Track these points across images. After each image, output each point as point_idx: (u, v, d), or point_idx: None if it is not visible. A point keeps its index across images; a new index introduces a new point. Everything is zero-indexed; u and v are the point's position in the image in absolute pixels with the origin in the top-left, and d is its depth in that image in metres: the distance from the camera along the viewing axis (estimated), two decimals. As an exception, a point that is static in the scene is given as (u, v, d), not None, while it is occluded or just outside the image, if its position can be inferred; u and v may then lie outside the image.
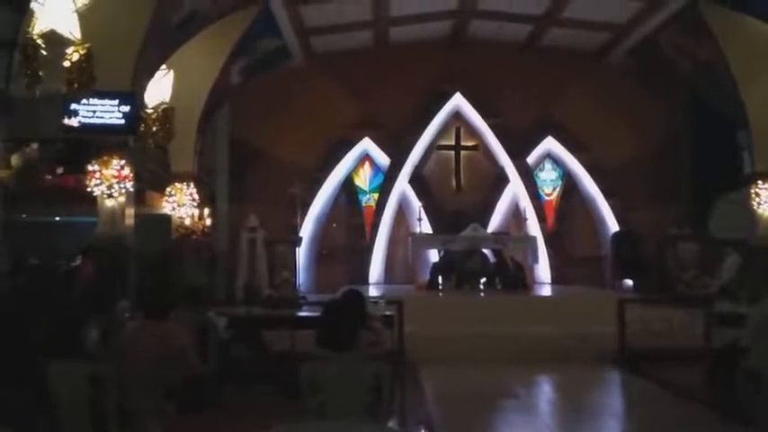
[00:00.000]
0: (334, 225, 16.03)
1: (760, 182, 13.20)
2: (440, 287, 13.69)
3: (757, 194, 13.19)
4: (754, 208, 13.24)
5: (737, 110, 13.05)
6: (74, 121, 9.63)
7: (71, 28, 8.31)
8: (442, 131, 16.24)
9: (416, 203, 15.57)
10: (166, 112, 11.75)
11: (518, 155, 15.92)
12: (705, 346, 7.65)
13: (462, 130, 16.23)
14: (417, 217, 15.08)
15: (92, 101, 9.59)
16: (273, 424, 2.47)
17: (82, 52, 8.41)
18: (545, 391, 9.08)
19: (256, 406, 6.34)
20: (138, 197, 11.07)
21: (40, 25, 7.98)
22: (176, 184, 13.29)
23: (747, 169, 13.45)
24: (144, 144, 11.38)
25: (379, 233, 15.78)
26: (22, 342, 3.86)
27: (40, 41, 7.88)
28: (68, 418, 3.84)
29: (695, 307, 9.86)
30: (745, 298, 10.27)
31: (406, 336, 9.36)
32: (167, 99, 11.87)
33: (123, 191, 10.03)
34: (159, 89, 11.66)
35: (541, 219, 15.78)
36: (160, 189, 13.29)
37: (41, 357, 3.92)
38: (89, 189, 10.03)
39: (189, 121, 12.78)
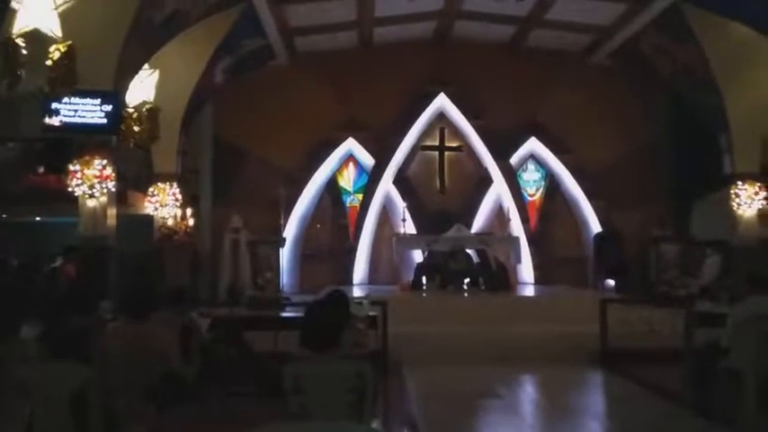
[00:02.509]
0: (318, 226, 16.00)
1: (740, 183, 13.35)
2: (424, 287, 13.71)
3: (737, 195, 13.35)
4: (734, 209, 13.38)
5: (718, 112, 13.19)
6: (55, 121, 9.56)
7: (52, 26, 8.25)
8: (427, 132, 16.27)
9: (401, 204, 15.57)
10: (151, 112, 11.70)
11: (502, 156, 15.97)
12: (686, 346, 7.70)
13: (446, 131, 16.26)
14: (401, 217, 15.09)
15: (73, 100, 9.53)
16: (256, 425, 2.47)
17: (63, 50, 8.35)
18: (527, 390, 9.12)
19: (239, 407, 6.32)
20: (120, 197, 11.02)
21: (20, 24, 7.91)
22: (159, 184, 13.23)
23: (727, 170, 13.59)
24: (126, 144, 11.33)
25: (363, 234, 15.77)
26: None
27: (20, 41, 7.81)
28: (51, 419, 3.81)
29: (676, 307, 9.92)
30: (725, 298, 10.39)
31: (390, 336, 9.35)
32: (151, 98, 11.82)
33: (105, 191, 9.98)
34: (142, 89, 11.61)
35: (525, 219, 15.84)
36: (143, 189, 13.22)
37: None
38: (70, 189, 9.96)
39: (172, 120, 12.72)
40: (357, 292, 13.34)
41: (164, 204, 13.22)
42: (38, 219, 14.06)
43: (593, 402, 8.64)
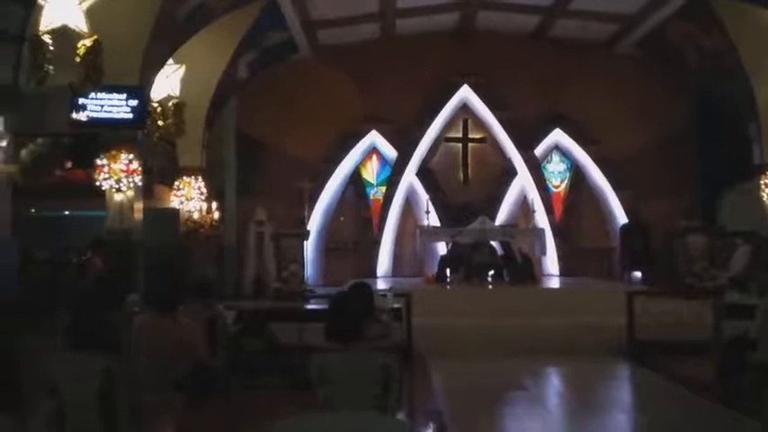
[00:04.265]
0: (342, 218, 16.04)
1: (769, 173, 13.12)
2: (448, 280, 13.67)
3: (767, 185, 13.11)
4: (764, 199, 13.16)
5: (747, 101, 12.97)
6: (82, 116, 9.67)
7: (78, 22, 8.34)
8: (450, 124, 16.21)
9: (424, 196, 15.55)
10: (177, 107, 11.80)
11: (526, 147, 15.87)
12: (714, 339, 7.61)
13: (470, 123, 16.19)
14: (425, 210, 15.07)
15: (99, 95, 9.63)
16: (281, 416, 2.48)
17: (89, 44, 8.44)
18: (553, 383, 9.08)
19: (265, 398, 6.37)
20: (146, 191, 11.11)
21: (47, 20, 8.01)
22: (184, 177, 13.32)
23: (757, 160, 13.37)
24: (151, 138, 11.42)
25: (386, 226, 15.78)
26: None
27: (47, 37, 7.91)
28: (78, 412, 3.86)
29: (704, 299, 9.82)
30: (754, 289, 10.25)
31: (415, 328, 9.36)
32: (176, 93, 11.91)
33: (132, 185, 10.08)
34: (168, 83, 11.71)
35: (549, 211, 15.73)
36: (168, 183, 13.33)
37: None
38: (98, 183, 10.08)
39: (196, 115, 12.81)
40: (381, 284, 13.35)
41: (189, 198, 13.31)
42: (66, 213, 14.21)
43: (619, 395, 8.57)
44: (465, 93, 15.99)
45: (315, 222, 15.48)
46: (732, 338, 6.92)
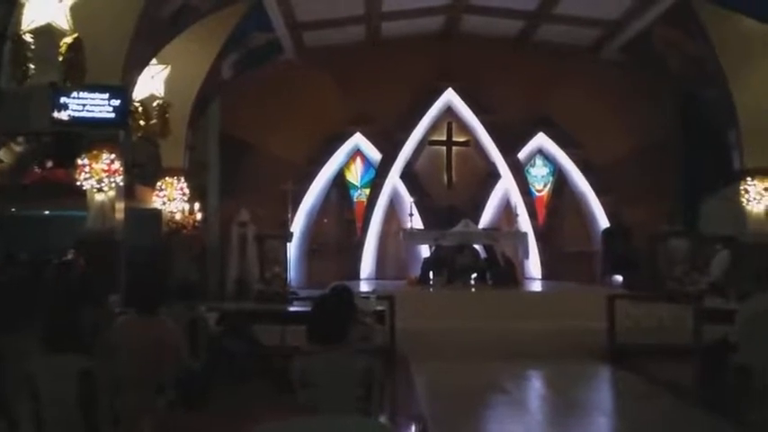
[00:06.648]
0: (326, 220, 16.02)
1: (749, 179, 13.26)
2: (431, 282, 13.70)
3: (746, 191, 13.25)
4: (744, 205, 13.30)
5: (727, 107, 13.09)
6: (63, 115, 9.56)
7: (60, 20, 8.27)
8: (434, 127, 16.25)
9: (408, 199, 15.57)
10: (162, 107, 11.73)
11: (509, 151, 15.94)
12: (695, 342, 7.68)
13: (454, 126, 16.24)
14: (409, 212, 15.09)
15: (82, 94, 9.53)
16: (265, 419, 2.47)
17: (70, 42, 8.37)
18: (535, 386, 9.11)
19: (247, 401, 6.34)
20: (128, 191, 11.02)
21: (28, 18, 7.93)
22: (167, 178, 13.24)
23: (737, 166, 13.50)
24: (133, 138, 11.35)
25: (370, 228, 15.78)
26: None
27: (28, 35, 7.83)
28: (58, 413, 3.82)
29: (685, 303, 9.90)
30: (734, 294, 10.34)
31: (398, 331, 9.35)
32: (160, 93, 11.84)
33: (113, 185, 10.00)
34: (152, 83, 11.63)
35: (532, 215, 15.81)
36: (150, 183, 13.24)
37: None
38: (79, 183, 9.99)
39: (180, 115, 12.72)
40: (364, 286, 13.35)
41: (171, 199, 13.23)
42: (46, 213, 14.09)
43: (600, 398, 8.62)
44: (449, 96, 16.03)
45: (298, 224, 15.45)
46: (712, 342, 6.98)
